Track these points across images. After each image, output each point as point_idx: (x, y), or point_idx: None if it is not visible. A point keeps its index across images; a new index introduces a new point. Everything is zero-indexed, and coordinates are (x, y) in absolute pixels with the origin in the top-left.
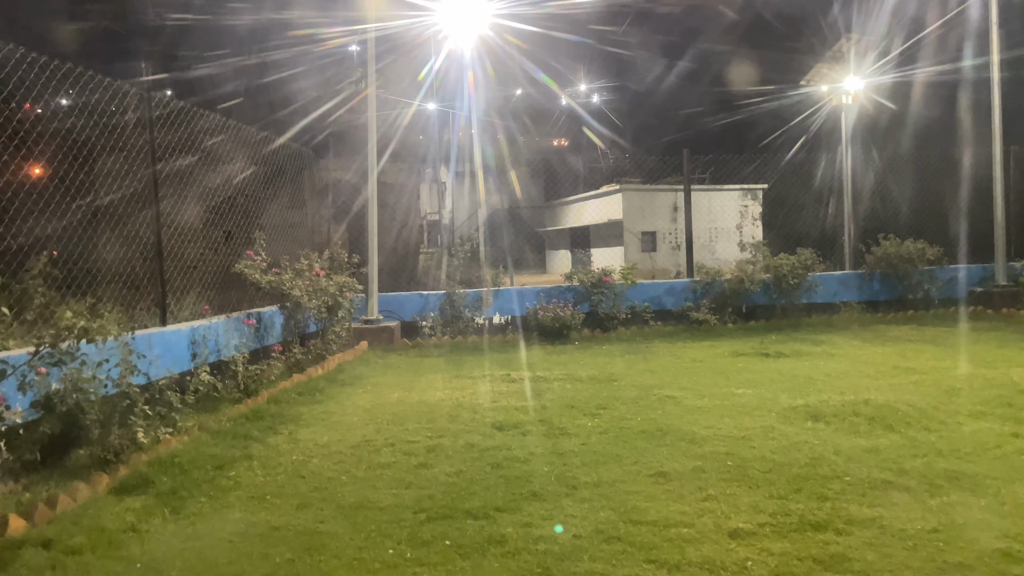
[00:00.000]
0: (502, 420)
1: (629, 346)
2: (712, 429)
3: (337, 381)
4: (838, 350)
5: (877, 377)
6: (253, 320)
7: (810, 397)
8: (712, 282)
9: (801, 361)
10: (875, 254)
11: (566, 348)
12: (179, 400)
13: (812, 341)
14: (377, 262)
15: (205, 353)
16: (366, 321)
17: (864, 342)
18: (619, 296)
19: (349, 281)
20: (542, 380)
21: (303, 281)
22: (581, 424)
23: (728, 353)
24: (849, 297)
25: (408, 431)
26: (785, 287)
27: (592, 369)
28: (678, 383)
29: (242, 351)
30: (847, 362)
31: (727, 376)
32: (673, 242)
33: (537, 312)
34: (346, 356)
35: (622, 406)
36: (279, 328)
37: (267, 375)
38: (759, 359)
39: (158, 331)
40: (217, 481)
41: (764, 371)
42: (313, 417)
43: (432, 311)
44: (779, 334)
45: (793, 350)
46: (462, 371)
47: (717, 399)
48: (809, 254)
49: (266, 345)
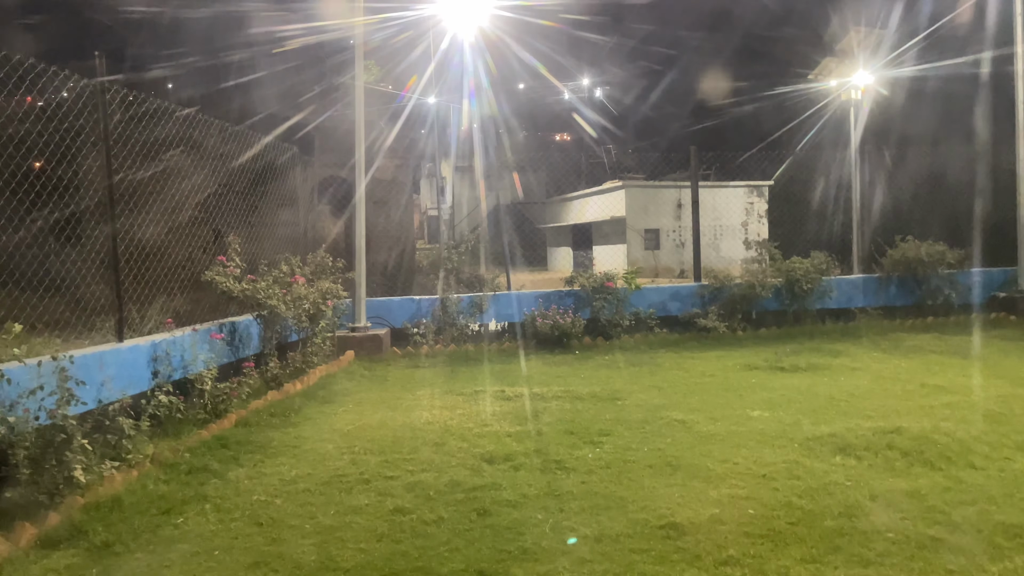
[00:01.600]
0: (492, 450)
1: (633, 357)
2: (728, 464)
3: (316, 398)
4: (858, 363)
5: (905, 397)
6: (222, 334)
7: (835, 424)
8: (721, 287)
9: (819, 376)
10: (892, 257)
11: (566, 358)
12: (132, 427)
13: (829, 352)
14: (365, 266)
15: (168, 371)
16: (353, 329)
17: (885, 353)
18: (622, 302)
19: (333, 287)
20: (539, 398)
21: (281, 289)
22: (581, 456)
23: (740, 366)
24: (865, 302)
25: (387, 463)
26: (798, 292)
27: (593, 384)
28: (687, 403)
29: (211, 367)
30: (869, 378)
31: (740, 394)
32: (677, 240)
33: (536, 319)
34: (330, 368)
35: (626, 432)
36: (256, 339)
37: (238, 393)
38: (774, 374)
39: (112, 348)
40: (161, 530)
41: (780, 388)
42: (284, 444)
43: (424, 317)
44: (793, 343)
45: (809, 363)
46: (454, 385)
47: (731, 423)
48: (823, 257)
49: (241, 358)
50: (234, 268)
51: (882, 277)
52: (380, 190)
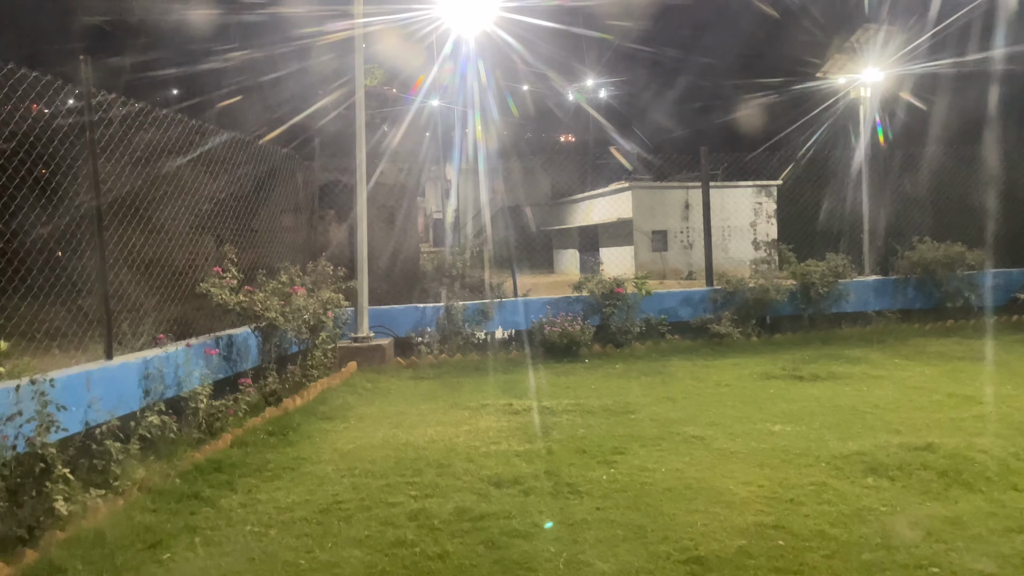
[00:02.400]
0: (501, 472)
1: (645, 365)
2: (752, 486)
3: (316, 414)
4: (879, 371)
5: (932, 408)
6: (218, 348)
7: (863, 440)
8: (734, 292)
9: (841, 386)
10: (910, 259)
11: (575, 367)
12: (121, 450)
13: (848, 359)
14: (368, 273)
15: (160, 389)
16: (355, 339)
17: (906, 360)
18: (632, 308)
19: (334, 297)
20: (548, 412)
21: (280, 300)
22: (594, 478)
23: (756, 375)
24: (882, 306)
25: (389, 487)
26: (814, 296)
27: (605, 396)
28: (704, 416)
29: (206, 383)
30: (893, 387)
31: (759, 406)
32: (685, 241)
33: (543, 327)
34: (331, 381)
35: (641, 450)
36: (255, 352)
37: (235, 411)
38: (793, 383)
39: (100, 367)
40: (145, 568)
41: (800, 399)
42: (281, 466)
43: (429, 326)
44: (810, 350)
45: (829, 371)
46: (459, 398)
47: (752, 440)
48: (839, 260)
49: (239, 372)
50: (230, 279)
51: (899, 279)
52: (384, 195)
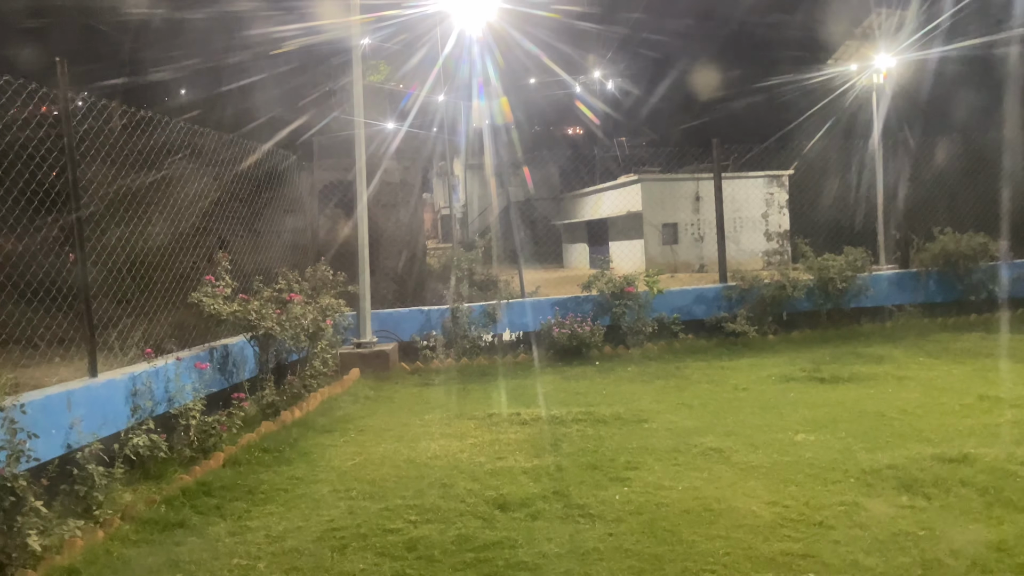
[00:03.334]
0: (507, 493)
1: (658, 368)
2: (776, 507)
3: (315, 427)
4: (904, 371)
5: (964, 413)
6: (209, 362)
7: (894, 450)
8: (749, 288)
9: (865, 388)
10: (931, 251)
11: (585, 371)
12: (104, 474)
13: (870, 358)
14: (372, 275)
15: (149, 406)
16: (358, 344)
17: (931, 358)
18: (644, 307)
19: (334, 303)
20: (558, 422)
21: (276, 308)
22: (606, 498)
23: (775, 377)
24: (902, 300)
25: (388, 512)
26: (832, 292)
27: (616, 403)
28: (722, 424)
29: (199, 397)
30: (920, 389)
31: (780, 412)
32: (696, 234)
33: (552, 329)
34: (333, 390)
35: (656, 464)
36: (252, 362)
37: (229, 426)
38: (814, 385)
39: (83, 385)
40: None
41: (823, 404)
42: (275, 487)
43: (434, 329)
44: (829, 348)
45: (851, 372)
46: (465, 407)
47: (774, 452)
48: (858, 253)
49: (236, 383)
50: (223, 288)
51: (920, 272)
52: (388, 193)
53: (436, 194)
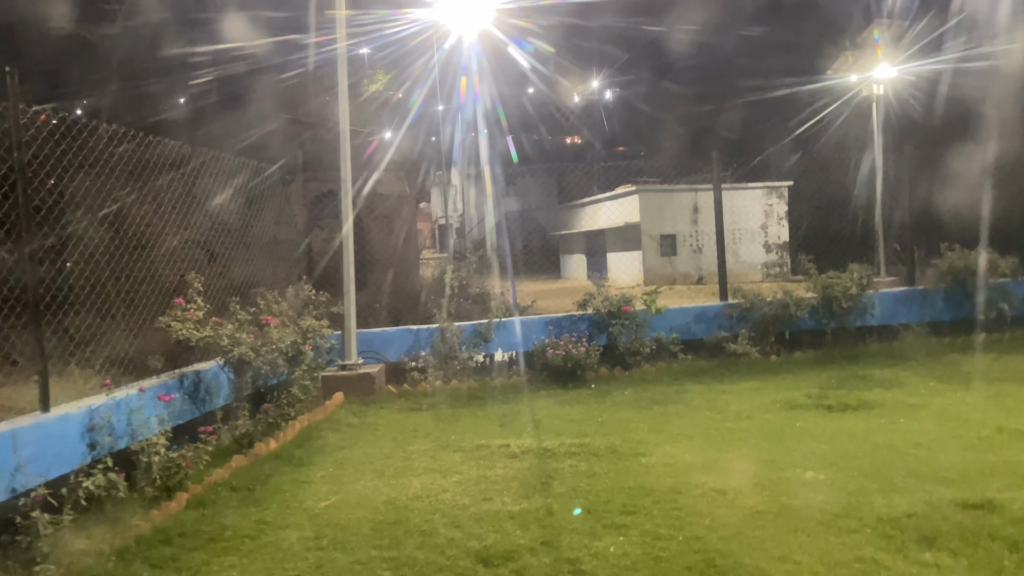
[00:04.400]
0: (491, 543)
1: (656, 391)
2: (787, 564)
3: (291, 460)
4: (915, 396)
5: (984, 448)
6: (172, 394)
7: (912, 494)
8: (751, 307)
9: (875, 418)
10: (939, 268)
11: (580, 395)
12: (51, 522)
13: (878, 382)
14: (363, 291)
15: (109, 441)
16: (342, 367)
17: (943, 383)
18: (642, 326)
19: (315, 325)
20: (549, 455)
21: (250, 333)
22: (600, 550)
23: (779, 404)
24: (908, 318)
25: (360, 566)
26: (836, 310)
27: (612, 433)
28: (725, 460)
29: (164, 430)
30: (934, 419)
31: (786, 446)
32: (694, 245)
33: (546, 349)
34: (313, 416)
35: (655, 508)
36: (226, 388)
37: (196, 462)
38: (821, 414)
39: (33, 422)
40: None
41: (832, 436)
42: (240, 534)
43: (423, 349)
44: (835, 370)
45: (860, 399)
46: (452, 436)
47: (782, 493)
48: (863, 270)
49: (210, 411)
50: (195, 311)
51: (927, 290)
52: (381, 204)
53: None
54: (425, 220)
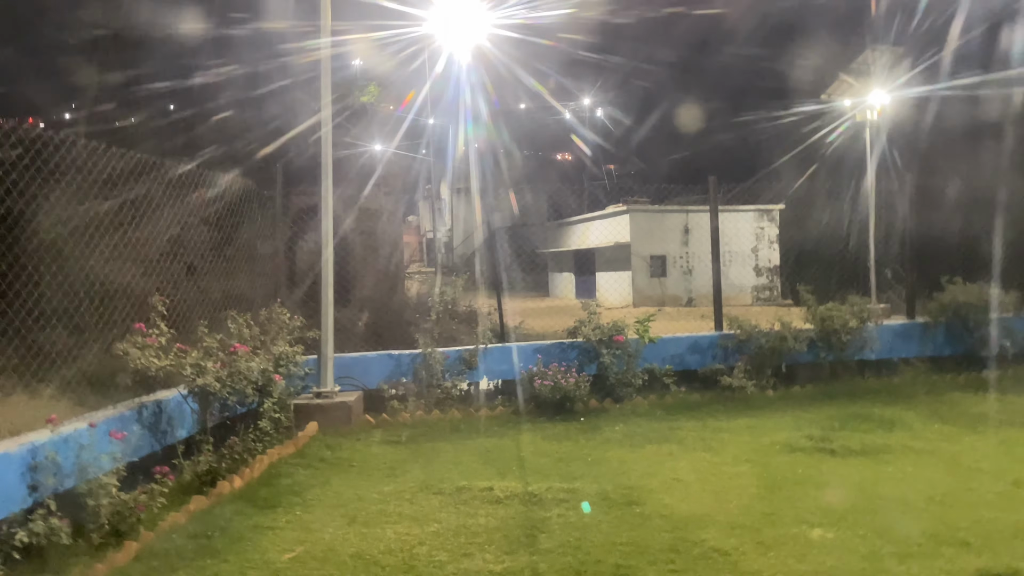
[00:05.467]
0: None
1: (648, 427)
2: None
3: (256, 501)
4: (920, 440)
5: (1002, 506)
6: (123, 432)
7: (931, 560)
8: (747, 339)
9: (881, 464)
10: (940, 301)
11: (569, 428)
12: None
13: (881, 422)
14: (342, 311)
15: (54, 482)
16: (317, 394)
17: (949, 425)
18: (634, 356)
19: (288, 351)
20: (536, 502)
21: (218, 361)
22: None
23: (779, 446)
24: (908, 352)
25: None
26: (835, 344)
27: (603, 477)
28: (724, 511)
29: (117, 468)
30: (944, 468)
31: (789, 496)
32: (684, 267)
33: (533, 379)
34: (284, 450)
35: (650, 570)
36: (190, 419)
37: (151, 502)
38: (823, 459)
39: None
40: None
41: (836, 484)
42: None
43: (405, 376)
44: (835, 408)
45: (863, 442)
46: (432, 475)
47: (788, 555)
48: (862, 302)
49: (172, 444)
50: (156, 337)
51: (927, 323)
52: (367, 220)
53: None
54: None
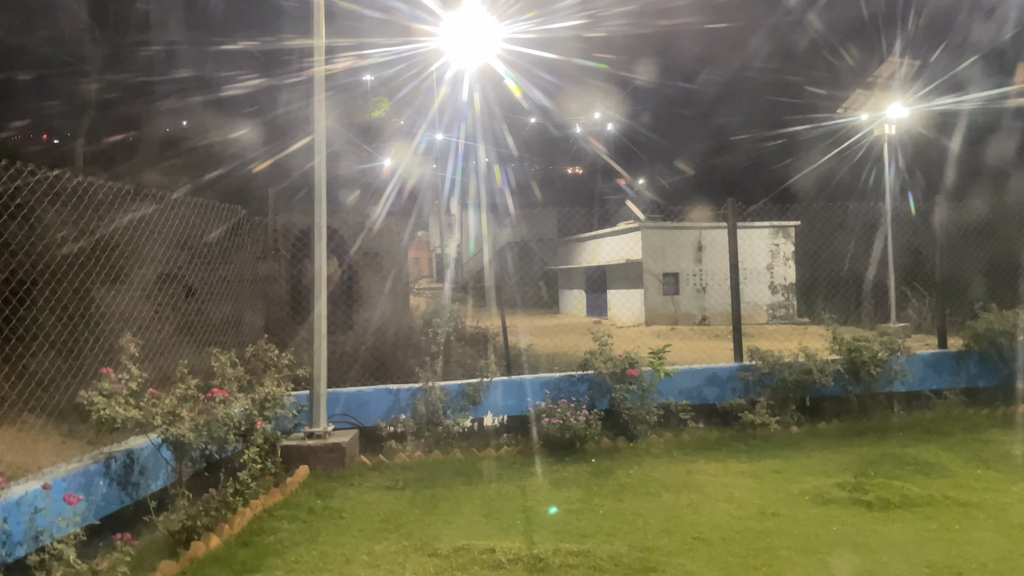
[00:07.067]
0: None
1: (665, 471)
2: None
3: (234, 564)
4: (966, 492)
5: None
6: (79, 496)
7: None
8: (770, 372)
9: (923, 521)
10: (975, 330)
11: (579, 472)
12: None
13: (918, 466)
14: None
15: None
16: (309, 434)
17: (992, 470)
18: (648, 391)
19: (276, 393)
20: (541, 567)
21: (188, 410)
22: None
23: (809, 495)
24: (940, 384)
25: None
26: (864, 376)
27: (616, 533)
28: None
29: (76, 532)
30: (994, 526)
31: (823, 560)
32: (698, 284)
33: (541, 416)
34: (270, 499)
35: None
36: (166, 468)
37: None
38: (859, 513)
39: None
40: None
41: (877, 548)
42: None
43: (404, 412)
44: (866, 448)
45: (902, 493)
46: (428, 532)
47: None
48: (892, 331)
49: (142, 498)
50: (126, 383)
51: (960, 353)
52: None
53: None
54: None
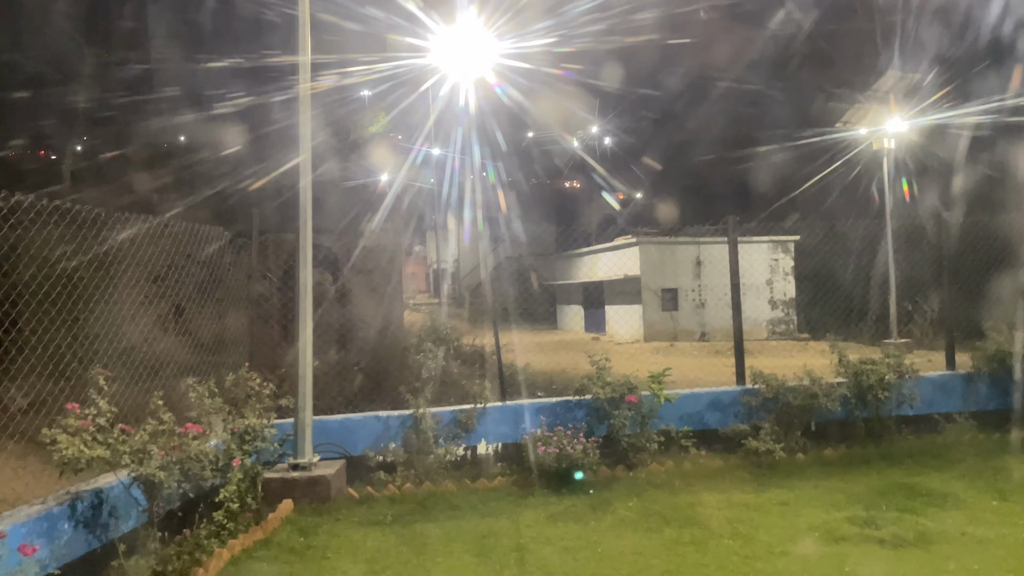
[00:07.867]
0: None
1: (665, 503)
2: None
3: None
4: (983, 526)
5: None
6: (35, 547)
7: None
8: (774, 396)
9: (941, 560)
10: (985, 351)
11: (576, 504)
12: None
13: (931, 498)
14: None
15: None
16: (293, 466)
17: (1008, 501)
18: (648, 417)
19: (256, 424)
20: None
21: (161, 447)
22: None
23: (818, 531)
24: (949, 407)
25: None
26: (871, 400)
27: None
28: None
29: None
30: (1016, 565)
31: None
32: (697, 300)
33: (537, 444)
34: (250, 537)
35: None
36: (137, 509)
37: None
38: (872, 551)
39: None
40: None
41: None
42: None
43: (393, 440)
44: (874, 476)
45: (916, 529)
46: (415, 574)
47: None
48: (899, 352)
49: (111, 541)
50: (93, 419)
51: (969, 374)
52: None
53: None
54: (420, 264)
